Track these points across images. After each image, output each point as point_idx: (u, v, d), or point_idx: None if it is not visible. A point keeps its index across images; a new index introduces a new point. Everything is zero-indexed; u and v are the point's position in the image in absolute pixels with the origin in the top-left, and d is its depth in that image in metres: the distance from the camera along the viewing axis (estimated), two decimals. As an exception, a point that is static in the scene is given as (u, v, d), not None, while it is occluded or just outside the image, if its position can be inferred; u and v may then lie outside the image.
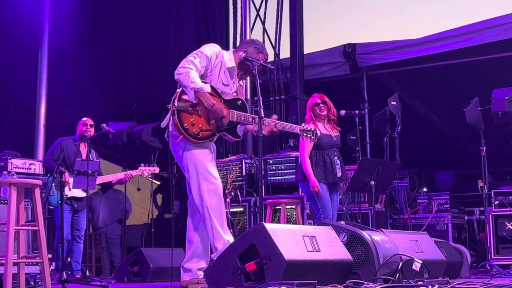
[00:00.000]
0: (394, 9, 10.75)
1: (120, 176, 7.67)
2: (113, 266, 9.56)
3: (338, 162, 6.63)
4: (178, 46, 11.13)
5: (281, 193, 8.15)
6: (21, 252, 4.67)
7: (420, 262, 4.68)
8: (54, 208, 7.34)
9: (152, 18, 11.14)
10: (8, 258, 4.29)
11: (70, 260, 7.25)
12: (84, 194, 7.32)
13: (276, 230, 4.09)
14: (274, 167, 8.34)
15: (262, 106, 4.84)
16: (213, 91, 4.92)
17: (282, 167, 8.30)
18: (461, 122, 8.30)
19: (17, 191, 4.49)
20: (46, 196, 7.08)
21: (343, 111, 7.17)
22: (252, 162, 8.57)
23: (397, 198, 8.76)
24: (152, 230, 9.66)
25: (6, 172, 7.59)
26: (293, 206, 7.56)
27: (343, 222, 5.03)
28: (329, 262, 4.26)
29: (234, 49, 5.23)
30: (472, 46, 9.44)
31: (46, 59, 9.99)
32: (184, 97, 4.84)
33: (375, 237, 4.71)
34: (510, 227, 7.64)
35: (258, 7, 10.78)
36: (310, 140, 5.47)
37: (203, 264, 4.98)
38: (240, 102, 5.06)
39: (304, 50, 10.21)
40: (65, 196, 6.81)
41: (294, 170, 7.99)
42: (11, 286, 4.29)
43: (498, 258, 7.56)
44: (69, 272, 6.92)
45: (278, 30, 10.52)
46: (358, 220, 7.27)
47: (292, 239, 4.11)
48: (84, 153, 7.40)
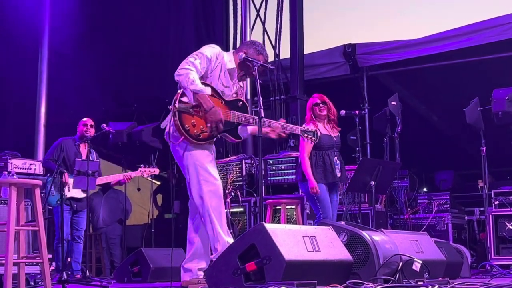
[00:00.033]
0: (394, 9, 10.74)
1: (118, 177, 7.66)
2: (113, 266, 9.56)
3: (338, 162, 6.62)
4: (178, 46, 11.13)
5: (281, 193, 8.15)
6: (21, 252, 4.67)
7: (420, 262, 4.67)
8: (53, 208, 7.34)
9: (152, 18, 11.13)
10: (8, 258, 4.29)
11: (70, 260, 7.24)
12: (83, 195, 7.32)
13: (276, 230, 4.09)
14: (274, 167, 8.34)
15: (262, 106, 4.83)
16: (213, 92, 4.92)
17: (282, 167, 8.30)
18: (461, 122, 8.30)
19: (17, 191, 4.49)
20: (46, 196, 7.08)
21: (343, 111, 7.17)
22: (252, 162, 8.56)
23: (397, 198, 8.75)
24: (152, 230, 9.65)
25: (6, 172, 7.58)
26: (293, 206, 7.56)
27: (343, 222, 5.03)
28: (329, 262, 4.26)
29: (234, 50, 5.23)
30: (472, 46, 9.43)
31: (46, 59, 9.99)
32: (184, 98, 4.84)
33: (375, 237, 4.71)
34: (510, 227, 7.64)
35: (258, 7, 10.78)
36: (311, 141, 5.46)
37: (204, 264, 4.98)
38: (241, 103, 5.06)
39: (304, 50, 10.21)
40: (64, 196, 6.81)
41: (294, 170, 7.98)
42: (11, 286, 4.29)
43: (498, 258, 7.56)
44: (69, 272, 6.91)
45: (278, 30, 10.52)
46: (358, 220, 7.27)
47: (292, 239, 4.11)
48: (84, 153, 7.39)
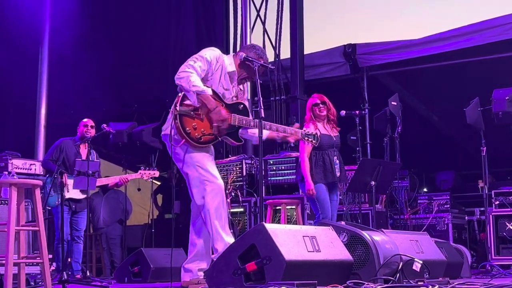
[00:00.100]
0: (394, 9, 10.74)
1: (115, 180, 7.64)
2: (113, 267, 9.56)
3: (337, 162, 6.61)
4: (178, 47, 11.13)
5: (281, 193, 8.15)
6: (21, 252, 4.67)
7: (420, 262, 4.67)
8: (52, 208, 7.33)
9: (152, 18, 11.13)
10: (8, 258, 4.29)
11: (70, 260, 7.24)
12: (82, 196, 7.31)
13: (276, 230, 4.09)
14: (274, 168, 8.34)
15: (263, 107, 4.84)
16: (214, 95, 4.93)
17: (283, 168, 8.30)
18: (461, 122, 8.29)
19: (17, 192, 4.49)
20: (47, 197, 7.07)
21: (344, 112, 7.17)
22: (252, 162, 8.56)
23: (397, 198, 8.75)
24: (152, 230, 9.66)
25: (7, 172, 7.59)
26: (293, 207, 7.56)
27: (344, 223, 5.03)
28: (329, 263, 4.26)
29: (234, 53, 5.24)
30: (472, 46, 9.42)
31: (47, 59, 9.98)
32: (186, 101, 4.85)
33: (376, 237, 4.71)
34: (511, 227, 7.64)
35: (258, 8, 10.78)
36: (311, 144, 5.47)
37: (204, 265, 4.98)
38: (241, 106, 5.07)
39: (304, 50, 10.21)
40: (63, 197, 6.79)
41: (294, 171, 7.98)
42: (12, 287, 4.29)
43: (498, 258, 7.55)
44: (69, 272, 6.91)
45: (279, 30, 10.52)
46: (359, 220, 7.26)
47: (292, 239, 4.11)
48: (84, 153, 7.38)
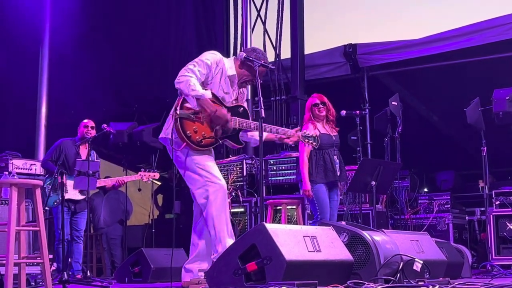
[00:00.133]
0: (394, 9, 10.73)
1: (112, 181, 7.64)
2: (114, 267, 9.56)
3: (337, 161, 6.61)
4: (178, 47, 11.13)
5: (281, 193, 8.15)
6: (22, 252, 4.67)
7: (421, 262, 4.67)
8: (51, 209, 7.32)
9: (152, 18, 11.13)
10: (9, 258, 4.29)
11: (70, 260, 7.24)
12: (81, 197, 7.30)
13: (277, 230, 4.09)
14: (275, 168, 8.33)
15: (263, 107, 4.84)
16: (214, 98, 4.94)
17: (283, 168, 8.30)
18: (462, 122, 8.29)
19: (18, 192, 4.49)
20: (47, 197, 7.07)
21: (344, 112, 7.16)
22: (253, 162, 8.56)
23: (398, 198, 8.74)
24: (153, 230, 9.66)
25: (7, 172, 7.59)
26: (293, 207, 7.56)
27: (344, 223, 5.03)
28: (329, 263, 4.26)
29: (234, 56, 5.24)
30: (473, 46, 9.42)
31: (47, 59, 9.97)
32: (186, 104, 4.86)
33: (376, 237, 4.70)
34: (511, 227, 7.64)
35: (258, 8, 10.78)
36: (311, 146, 5.47)
37: (205, 265, 4.98)
38: (241, 109, 5.09)
39: (304, 50, 10.21)
40: (61, 198, 6.77)
41: (295, 171, 7.98)
42: (12, 287, 4.29)
43: (499, 259, 7.55)
44: (70, 272, 6.91)
45: (279, 30, 10.52)
46: (359, 220, 7.26)
47: (293, 239, 4.11)
48: (84, 154, 7.37)
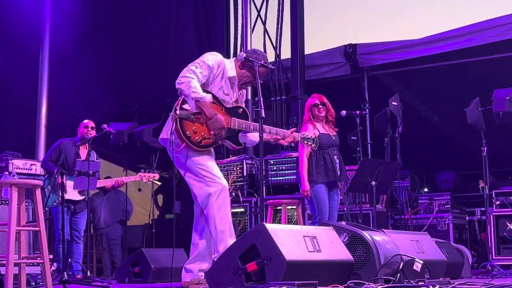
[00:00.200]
0: (395, 9, 10.73)
1: (111, 182, 7.64)
2: (114, 267, 9.56)
3: (337, 161, 6.61)
4: (179, 47, 11.12)
5: (282, 193, 8.15)
6: (22, 252, 4.67)
7: (421, 262, 4.67)
8: (51, 209, 7.32)
9: (152, 18, 11.13)
10: (9, 258, 4.29)
11: (70, 260, 7.24)
12: (80, 197, 7.30)
13: (277, 230, 4.09)
14: (275, 168, 8.33)
15: (263, 107, 4.84)
16: (214, 100, 4.95)
17: (283, 168, 8.29)
18: (462, 122, 8.29)
19: (18, 192, 4.49)
20: (46, 198, 7.06)
21: (344, 112, 7.16)
22: (253, 162, 8.56)
23: (398, 198, 8.74)
24: (153, 230, 9.67)
25: (7, 172, 7.59)
26: (294, 207, 7.56)
27: (344, 223, 5.03)
28: (330, 263, 4.26)
29: (235, 58, 5.23)
30: (473, 46, 9.42)
31: (47, 59, 9.98)
32: (186, 105, 4.86)
33: (376, 237, 4.70)
34: (511, 228, 7.63)
35: (259, 8, 10.78)
36: (310, 148, 5.48)
37: (205, 265, 4.98)
38: (241, 110, 5.10)
39: (305, 50, 10.21)
40: (60, 198, 6.77)
41: (295, 171, 7.97)
42: (12, 287, 4.29)
43: (499, 259, 7.55)
44: (70, 272, 6.91)
45: (279, 30, 10.51)
46: (359, 220, 7.26)
47: (293, 240, 4.10)
48: (83, 154, 7.37)
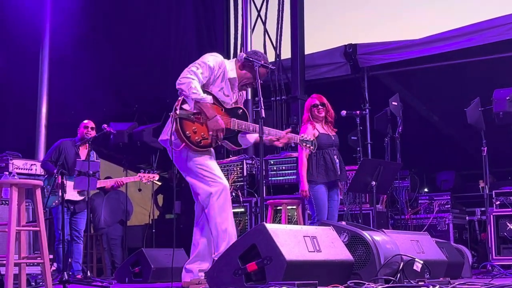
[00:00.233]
0: (395, 9, 10.73)
1: (111, 182, 7.64)
2: (114, 267, 9.56)
3: (337, 161, 6.61)
4: (179, 47, 11.13)
5: (282, 193, 8.14)
6: (22, 252, 4.67)
7: (421, 262, 4.67)
8: (51, 209, 7.32)
9: (153, 18, 11.13)
10: (9, 258, 4.29)
11: (70, 260, 7.24)
12: (79, 198, 7.30)
13: (277, 230, 4.09)
14: (275, 168, 8.33)
15: (263, 107, 4.85)
16: (214, 100, 4.96)
17: (283, 168, 8.29)
18: (462, 122, 8.29)
19: (18, 192, 4.49)
20: (46, 198, 7.06)
21: (344, 112, 7.16)
22: (253, 162, 8.56)
23: (398, 198, 8.74)
24: (153, 230, 9.67)
25: (7, 172, 7.59)
26: (294, 207, 7.56)
27: (344, 223, 5.03)
28: (330, 263, 4.26)
29: (236, 59, 5.24)
30: (473, 46, 9.41)
31: (47, 60, 9.98)
32: (185, 105, 4.87)
33: (376, 237, 4.70)
34: (511, 228, 7.63)
35: (259, 8, 10.77)
36: (309, 150, 5.48)
37: (206, 265, 4.98)
38: (241, 111, 5.11)
39: (305, 50, 10.20)
40: (60, 198, 6.77)
41: (295, 171, 7.97)
42: (12, 287, 4.29)
43: (499, 259, 7.55)
44: (70, 272, 6.91)
45: (279, 30, 10.51)
46: (359, 220, 7.26)
47: (293, 240, 4.11)
48: (83, 154, 7.37)
